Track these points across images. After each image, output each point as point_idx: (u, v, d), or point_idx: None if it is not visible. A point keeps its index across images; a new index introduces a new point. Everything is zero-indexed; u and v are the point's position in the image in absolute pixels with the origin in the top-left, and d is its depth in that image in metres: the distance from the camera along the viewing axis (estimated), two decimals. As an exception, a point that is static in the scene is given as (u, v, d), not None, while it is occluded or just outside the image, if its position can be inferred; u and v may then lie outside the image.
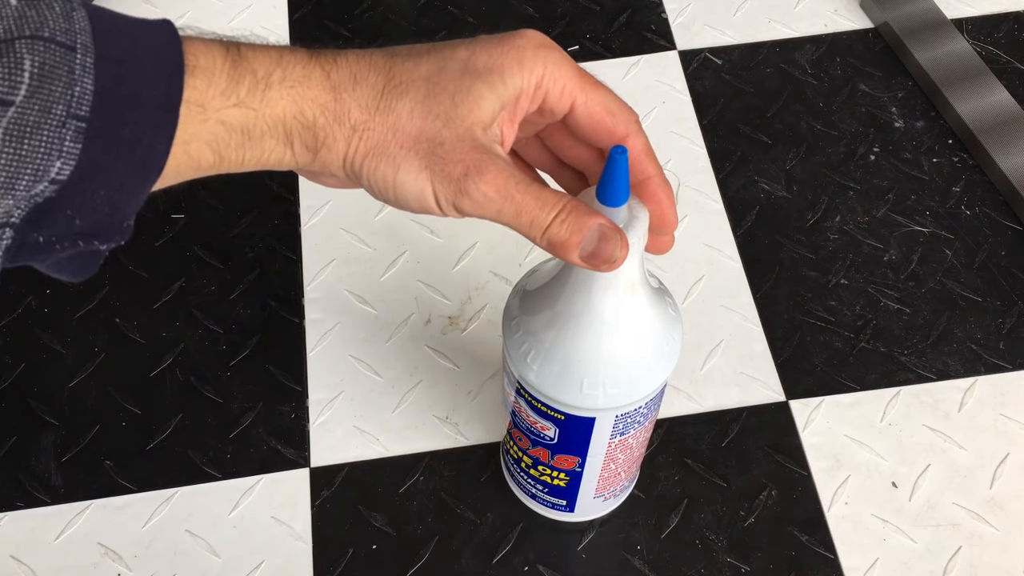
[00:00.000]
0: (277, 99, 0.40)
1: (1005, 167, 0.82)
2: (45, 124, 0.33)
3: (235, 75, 0.39)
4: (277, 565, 0.66)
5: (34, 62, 0.32)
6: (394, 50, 0.43)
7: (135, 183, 0.37)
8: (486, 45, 0.42)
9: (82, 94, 0.34)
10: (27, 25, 0.32)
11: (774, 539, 0.67)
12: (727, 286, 0.78)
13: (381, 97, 0.41)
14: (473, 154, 0.41)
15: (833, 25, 0.93)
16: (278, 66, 0.40)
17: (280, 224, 0.81)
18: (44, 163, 0.33)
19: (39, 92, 0.33)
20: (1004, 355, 0.75)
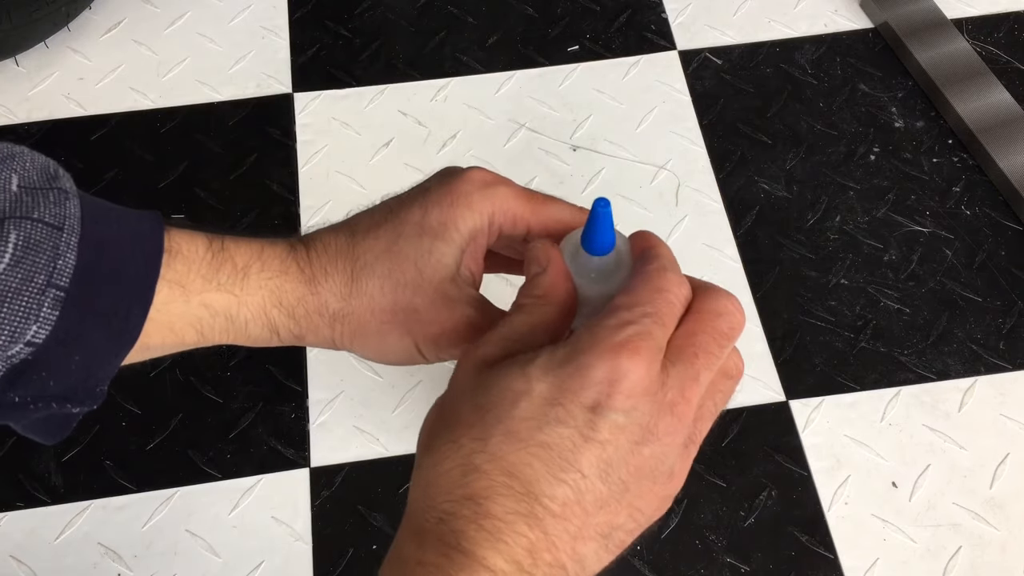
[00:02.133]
0: (256, 288, 0.44)
1: (1005, 167, 0.82)
2: (25, 291, 0.36)
3: (215, 263, 0.43)
4: (277, 565, 0.66)
5: (19, 236, 0.36)
6: (354, 225, 0.46)
7: (109, 351, 0.40)
8: (436, 199, 0.45)
9: (63, 267, 0.37)
10: (20, 208, 0.37)
11: (774, 539, 0.67)
12: (727, 286, 0.77)
13: (352, 282, 0.44)
14: (445, 312, 0.44)
15: (833, 25, 0.93)
16: (257, 259, 0.44)
17: (280, 224, 0.81)
18: (21, 326, 0.36)
19: (23, 262, 0.36)
20: (1004, 355, 0.75)
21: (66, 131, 0.85)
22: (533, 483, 0.36)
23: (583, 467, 0.36)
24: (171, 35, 0.91)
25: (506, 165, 0.84)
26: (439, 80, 0.89)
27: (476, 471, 0.36)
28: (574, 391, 0.36)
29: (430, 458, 0.37)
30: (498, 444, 0.36)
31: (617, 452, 0.36)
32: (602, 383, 0.36)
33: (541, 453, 0.36)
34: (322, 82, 0.89)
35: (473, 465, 0.36)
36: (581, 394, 0.36)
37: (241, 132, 0.86)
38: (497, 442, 0.36)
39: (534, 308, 0.41)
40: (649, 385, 0.37)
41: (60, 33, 0.89)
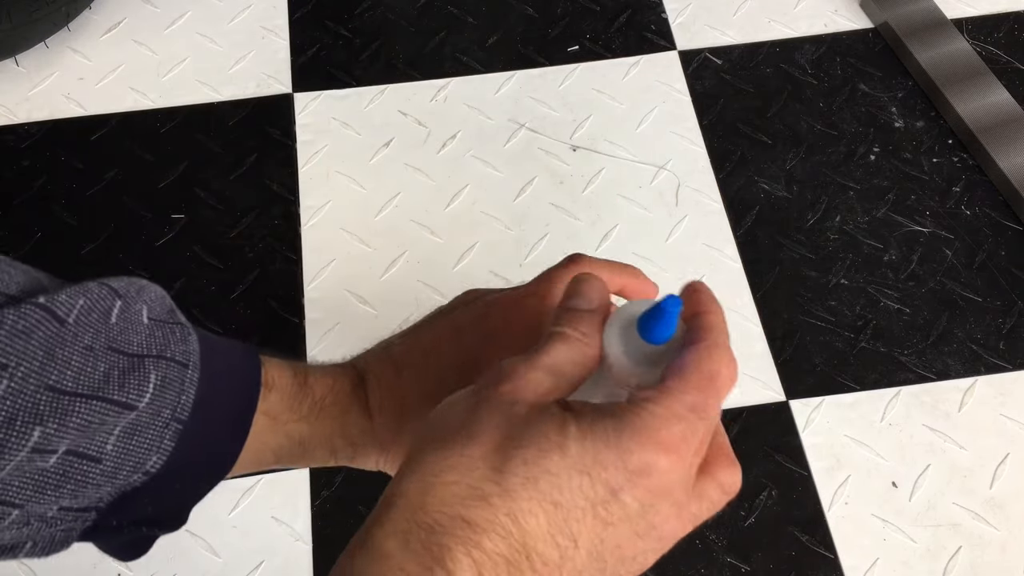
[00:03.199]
0: (327, 420, 0.48)
1: (1005, 167, 0.82)
2: (152, 425, 0.39)
3: (299, 395, 0.47)
4: (277, 565, 0.66)
5: (157, 376, 0.39)
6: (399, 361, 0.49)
7: (207, 480, 0.44)
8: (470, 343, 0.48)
9: (186, 402, 0.40)
10: (155, 344, 0.40)
11: (774, 539, 0.67)
12: (727, 286, 0.78)
13: (399, 420, 0.48)
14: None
15: (833, 25, 0.93)
16: (331, 392, 0.48)
17: (280, 224, 0.81)
18: (144, 457, 0.40)
19: (156, 400, 0.39)
20: (1004, 355, 0.75)
21: (66, 131, 0.85)
22: (530, 536, 0.35)
23: (580, 538, 0.36)
24: (171, 35, 0.91)
25: (506, 165, 0.84)
26: (439, 80, 0.89)
27: (483, 500, 0.35)
28: (604, 467, 0.36)
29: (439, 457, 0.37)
30: (515, 485, 0.36)
31: (615, 536, 0.36)
32: (633, 472, 0.36)
33: (551, 511, 0.36)
34: (322, 82, 0.89)
35: (482, 492, 0.35)
36: (610, 474, 0.36)
37: (241, 132, 0.86)
38: (515, 483, 0.36)
39: (577, 344, 0.40)
40: (676, 488, 0.37)
41: (60, 33, 0.89)
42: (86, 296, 0.38)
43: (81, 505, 0.40)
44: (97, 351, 0.37)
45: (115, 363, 0.38)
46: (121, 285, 0.40)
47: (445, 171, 0.84)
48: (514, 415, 0.37)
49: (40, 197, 0.81)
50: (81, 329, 0.37)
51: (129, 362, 0.38)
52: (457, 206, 0.82)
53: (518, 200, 0.82)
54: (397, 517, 0.36)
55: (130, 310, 0.39)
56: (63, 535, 0.40)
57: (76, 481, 0.38)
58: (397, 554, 0.35)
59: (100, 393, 0.37)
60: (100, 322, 0.38)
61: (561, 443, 0.36)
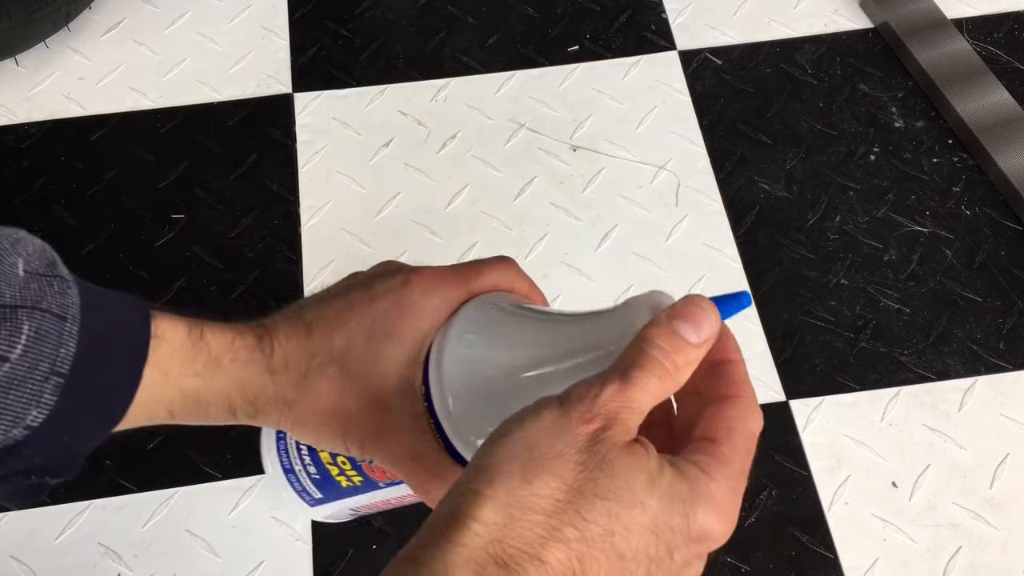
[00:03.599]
0: (225, 377, 0.47)
1: (1005, 167, 0.82)
2: (31, 379, 0.39)
3: (193, 351, 0.46)
4: (277, 565, 0.66)
5: (31, 327, 0.39)
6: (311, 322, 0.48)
7: (96, 431, 0.43)
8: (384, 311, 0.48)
9: (66, 355, 0.40)
10: (29, 296, 0.39)
11: (774, 539, 0.67)
12: (727, 286, 0.78)
13: (304, 378, 0.47)
14: (377, 423, 0.47)
15: (833, 25, 0.93)
16: (229, 350, 0.47)
17: (280, 224, 0.81)
18: (23, 411, 0.39)
19: (30, 352, 0.39)
20: (1004, 355, 0.75)
21: (66, 131, 0.85)
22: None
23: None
24: (171, 35, 0.91)
25: (506, 165, 0.84)
26: (439, 80, 0.89)
27: (563, 543, 0.36)
28: (672, 531, 0.37)
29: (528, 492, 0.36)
30: (594, 534, 0.36)
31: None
32: (693, 539, 0.38)
33: (614, 561, 0.36)
34: (322, 82, 0.89)
35: (564, 536, 0.36)
36: (674, 537, 0.37)
37: (241, 132, 0.86)
38: (595, 532, 0.36)
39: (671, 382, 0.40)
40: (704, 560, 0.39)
41: (60, 33, 0.89)
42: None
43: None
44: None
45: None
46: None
47: (445, 171, 0.84)
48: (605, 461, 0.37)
49: (40, 197, 0.81)
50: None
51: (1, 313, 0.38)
52: (457, 206, 0.82)
53: (518, 200, 0.82)
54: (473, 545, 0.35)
55: (3, 262, 0.39)
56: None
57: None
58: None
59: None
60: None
61: (645, 499, 0.37)
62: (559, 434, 0.37)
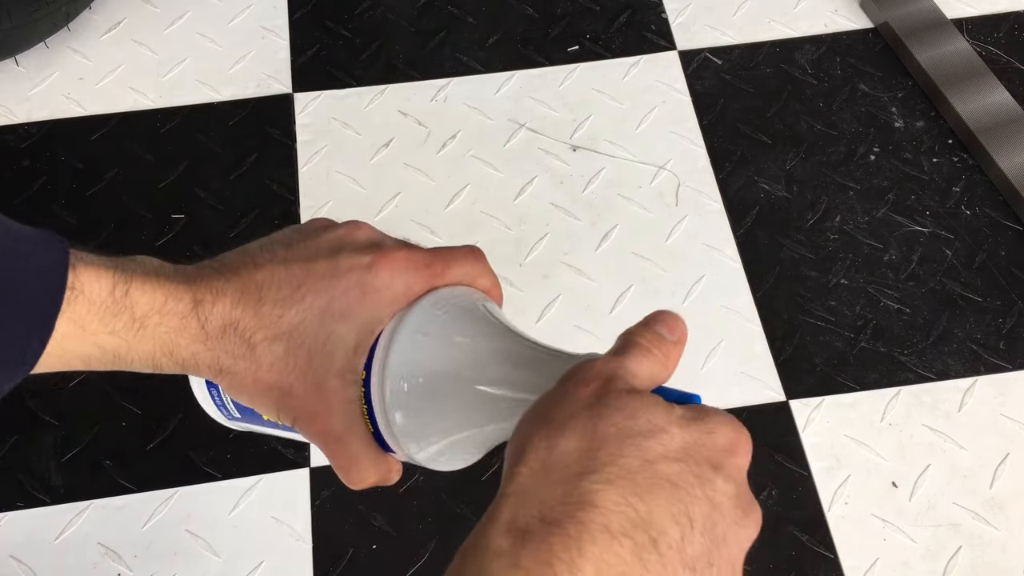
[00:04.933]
0: (150, 338, 0.45)
1: (1005, 167, 0.82)
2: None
3: (115, 309, 0.43)
4: (277, 565, 0.66)
5: None
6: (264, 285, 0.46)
7: (4, 378, 0.41)
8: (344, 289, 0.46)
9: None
10: None
11: (774, 539, 0.67)
12: (727, 286, 0.78)
13: (248, 346, 0.46)
14: (312, 403, 0.46)
15: (833, 25, 0.93)
16: (158, 312, 0.44)
17: (280, 224, 0.80)
18: None
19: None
20: (1004, 355, 0.75)
21: (66, 131, 0.85)
22: (655, 512, 0.36)
23: (695, 517, 0.37)
24: (171, 35, 0.91)
25: (506, 165, 0.84)
26: (439, 80, 0.89)
27: (606, 483, 0.36)
28: (705, 447, 0.38)
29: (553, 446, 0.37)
30: (633, 466, 0.36)
31: (723, 520, 0.38)
32: (724, 450, 0.38)
33: (668, 488, 0.36)
34: (322, 82, 0.89)
35: (603, 476, 0.36)
36: (710, 452, 0.38)
37: (241, 132, 0.86)
38: (633, 464, 0.36)
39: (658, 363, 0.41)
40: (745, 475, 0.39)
41: (60, 33, 0.89)
42: None
43: None
44: None
45: None
46: None
47: (445, 171, 0.84)
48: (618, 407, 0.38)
49: (40, 197, 0.81)
50: None
51: None
52: (457, 206, 0.82)
53: (518, 200, 0.82)
54: (514, 516, 0.35)
55: None
56: None
57: None
58: (511, 552, 0.34)
59: None
60: None
61: (666, 427, 0.37)
62: (566, 400, 0.38)
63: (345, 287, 0.46)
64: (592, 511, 0.35)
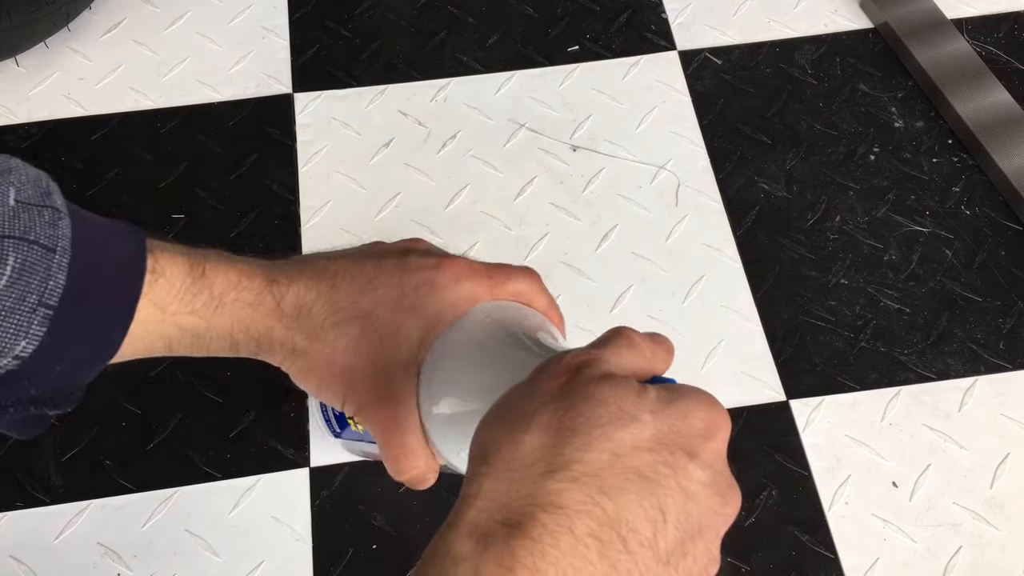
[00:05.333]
0: (228, 315, 0.46)
1: (1005, 167, 0.82)
2: (18, 310, 0.38)
3: (194, 289, 0.45)
4: (277, 565, 0.66)
5: (17, 258, 0.38)
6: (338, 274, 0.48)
7: (88, 363, 0.42)
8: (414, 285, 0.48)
9: (54, 287, 0.39)
10: (17, 226, 0.38)
11: (774, 539, 0.67)
12: (727, 286, 0.78)
13: (321, 328, 0.47)
14: (377, 390, 0.48)
15: (833, 25, 0.93)
16: (234, 289, 0.46)
17: (280, 224, 0.81)
18: (11, 342, 0.38)
19: (17, 283, 0.38)
20: (1004, 355, 0.75)
21: (66, 131, 0.85)
22: (623, 510, 0.34)
23: (668, 510, 0.35)
24: (171, 35, 0.91)
25: (506, 165, 0.84)
26: (439, 80, 0.89)
27: (571, 481, 0.34)
28: (679, 434, 0.36)
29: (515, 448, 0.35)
30: (601, 461, 0.35)
31: (698, 509, 0.36)
32: (700, 436, 0.37)
33: (639, 482, 0.35)
34: (322, 82, 0.89)
35: (569, 474, 0.34)
36: (685, 439, 0.36)
37: (241, 132, 0.86)
38: (601, 459, 0.35)
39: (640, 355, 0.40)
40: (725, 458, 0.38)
41: (60, 33, 0.89)
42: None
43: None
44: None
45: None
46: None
47: (445, 171, 0.84)
48: (586, 394, 0.36)
49: (40, 197, 0.81)
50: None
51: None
52: (457, 206, 0.82)
53: (518, 200, 0.82)
54: (477, 519, 0.34)
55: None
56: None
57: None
58: (473, 557, 0.33)
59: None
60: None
61: (639, 417, 0.36)
62: (532, 394, 0.37)
63: (416, 283, 0.48)
64: (556, 513, 0.34)
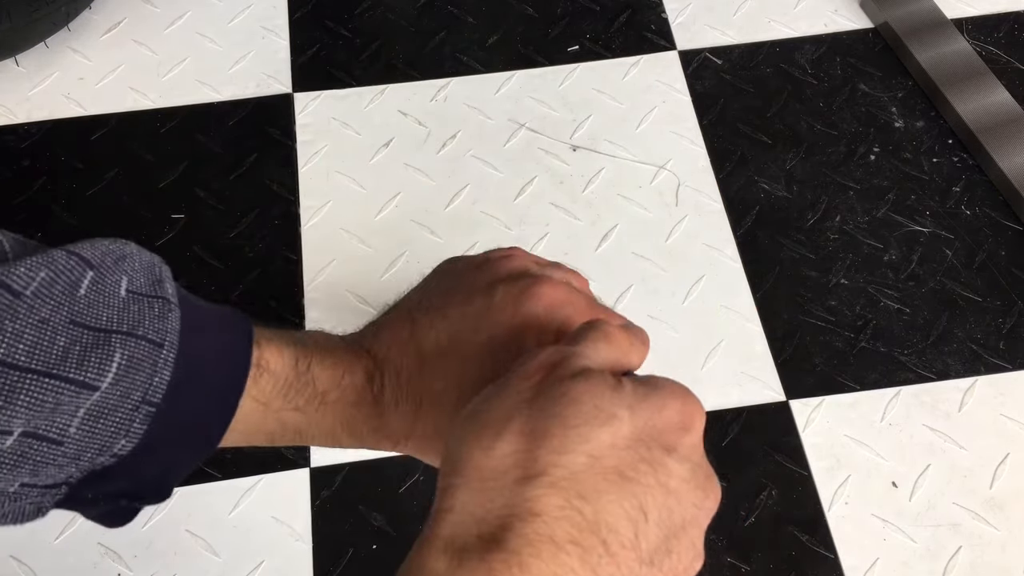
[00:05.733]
0: (330, 414, 0.45)
1: (1005, 167, 0.82)
2: (121, 408, 0.37)
3: (298, 385, 0.43)
4: (277, 565, 0.66)
5: (123, 356, 0.36)
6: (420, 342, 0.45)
7: (186, 459, 0.42)
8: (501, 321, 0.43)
9: (159, 384, 0.38)
10: (127, 320, 0.37)
11: (774, 539, 0.67)
12: (727, 286, 0.78)
13: (418, 409, 0.44)
14: None
15: (833, 25, 0.93)
16: (337, 387, 0.44)
17: (280, 224, 0.81)
18: (111, 441, 0.37)
19: (123, 380, 0.37)
20: (1004, 355, 0.75)
21: (66, 131, 0.85)
22: (603, 512, 0.33)
23: (649, 508, 0.34)
24: (171, 35, 0.91)
25: (506, 165, 0.84)
26: (439, 80, 0.89)
27: (549, 486, 0.33)
28: (657, 430, 0.35)
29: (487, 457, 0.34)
30: (578, 463, 0.33)
31: (679, 505, 0.35)
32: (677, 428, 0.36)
33: (618, 482, 0.34)
34: (322, 82, 0.89)
35: (546, 480, 0.33)
36: (663, 434, 0.35)
37: (241, 132, 0.86)
38: (578, 461, 0.33)
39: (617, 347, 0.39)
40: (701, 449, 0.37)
41: (60, 33, 0.89)
42: (49, 268, 0.36)
43: (45, 483, 0.38)
44: (56, 325, 0.35)
45: (77, 338, 0.35)
46: (96, 255, 0.37)
47: (445, 171, 0.84)
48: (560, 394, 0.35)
49: (40, 197, 0.81)
50: (40, 302, 0.35)
51: (94, 338, 0.36)
52: (457, 206, 0.82)
53: (518, 200, 0.82)
54: (451, 533, 0.33)
55: (104, 281, 0.37)
56: (32, 507, 0.38)
57: (35, 462, 0.36)
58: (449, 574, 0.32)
59: (55, 371, 0.35)
60: (64, 295, 0.36)
61: (617, 414, 0.34)
62: (505, 395, 0.36)
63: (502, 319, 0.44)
64: (534, 521, 0.32)
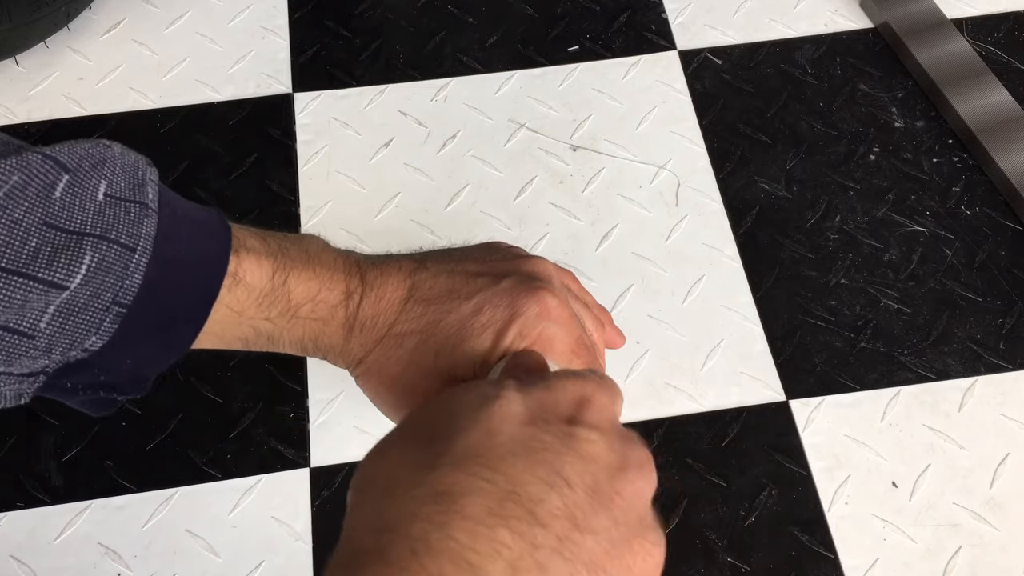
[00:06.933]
0: (300, 327, 0.46)
1: (1005, 167, 0.82)
2: (91, 307, 0.38)
3: (272, 296, 0.45)
4: (277, 565, 0.66)
5: (93, 258, 0.37)
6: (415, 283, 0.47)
7: (159, 357, 0.43)
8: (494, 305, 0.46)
9: (130, 287, 0.39)
10: (100, 224, 0.38)
11: (774, 539, 0.67)
12: (727, 286, 0.78)
13: (380, 341, 0.46)
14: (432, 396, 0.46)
15: (833, 25, 0.93)
16: (310, 301, 0.46)
17: (280, 224, 0.81)
18: (82, 337, 0.38)
19: (92, 282, 0.37)
20: (1004, 355, 0.75)
21: (66, 131, 0.85)
22: (516, 479, 0.32)
23: (570, 476, 0.33)
24: (171, 35, 0.91)
25: (506, 165, 0.84)
26: (439, 80, 0.89)
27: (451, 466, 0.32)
28: (552, 405, 0.36)
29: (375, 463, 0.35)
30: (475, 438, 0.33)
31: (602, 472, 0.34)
32: (573, 403, 0.37)
33: (524, 452, 0.33)
34: (322, 82, 0.89)
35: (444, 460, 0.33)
36: (559, 407, 0.36)
37: (241, 132, 0.86)
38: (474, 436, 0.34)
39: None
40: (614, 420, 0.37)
41: (60, 33, 0.89)
42: (23, 171, 0.36)
43: (21, 372, 0.39)
44: (28, 226, 0.36)
45: (49, 239, 0.36)
46: (73, 159, 0.38)
47: (445, 171, 0.84)
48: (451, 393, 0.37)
49: (40, 197, 0.81)
50: (12, 203, 0.36)
51: (66, 239, 0.37)
52: (457, 206, 0.82)
53: (518, 200, 0.82)
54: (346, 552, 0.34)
55: (81, 185, 0.38)
56: (13, 393, 0.40)
57: (8, 352, 0.37)
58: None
59: (24, 269, 0.36)
60: (39, 197, 0.36)
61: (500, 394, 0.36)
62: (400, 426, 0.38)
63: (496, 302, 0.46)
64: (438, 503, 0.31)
